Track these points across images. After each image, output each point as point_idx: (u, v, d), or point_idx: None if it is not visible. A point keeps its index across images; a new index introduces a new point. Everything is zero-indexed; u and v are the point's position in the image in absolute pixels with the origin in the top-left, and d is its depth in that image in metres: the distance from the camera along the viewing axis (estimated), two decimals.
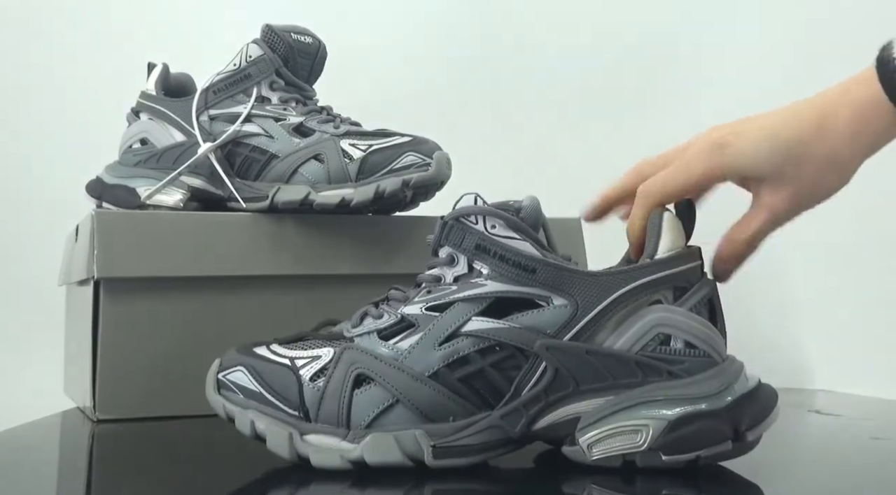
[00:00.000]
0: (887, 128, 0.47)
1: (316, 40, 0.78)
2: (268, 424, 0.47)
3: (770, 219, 0.49)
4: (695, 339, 0.47)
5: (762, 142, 0.48)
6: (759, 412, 0.47)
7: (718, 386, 0.46)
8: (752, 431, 0.46)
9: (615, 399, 0.46)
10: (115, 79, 0.95)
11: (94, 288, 0.67)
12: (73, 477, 0.52)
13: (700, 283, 0.49)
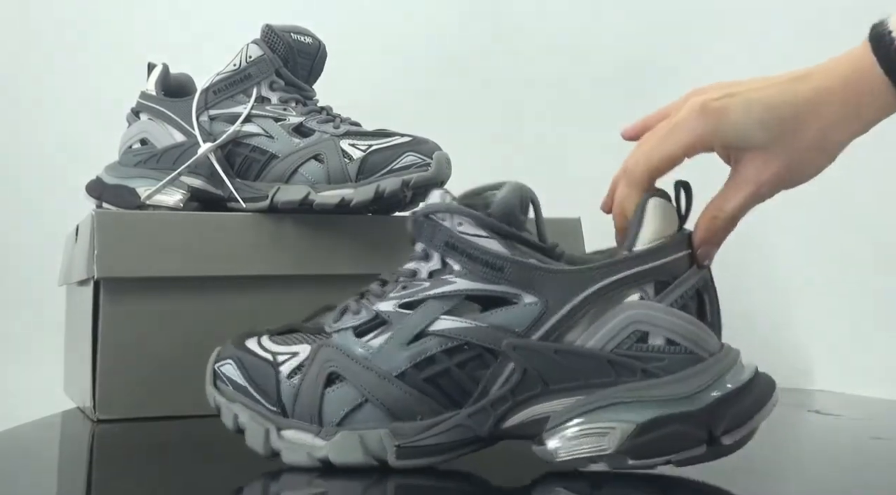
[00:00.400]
0: (882, 107, 0.45)
1: (316, 40, 0.78)
2: (248, 418, 0.48)
3: (754, 193, 0.47)
4: (675, 336, 0.45)
5: (756, 111, 0.45)
6: (742, 412, 0.44)
7: (697, 386, 0.44)
8: (729, 435, 0.44)
9: (585, 399, 0.45)
10: (115, 79, 0.95)
11: (94, 288, 0.67)
12: (73, 477, 0.52)
13: (685, 275, 0.46)
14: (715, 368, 0.45)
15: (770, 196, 0.47)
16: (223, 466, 0.53)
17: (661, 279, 0.46)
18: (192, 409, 0.67)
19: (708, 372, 0.45)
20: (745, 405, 0.45)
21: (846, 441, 0.63)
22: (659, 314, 0.45)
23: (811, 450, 0.62)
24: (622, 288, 0.45)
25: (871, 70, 0.44)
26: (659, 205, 0.46)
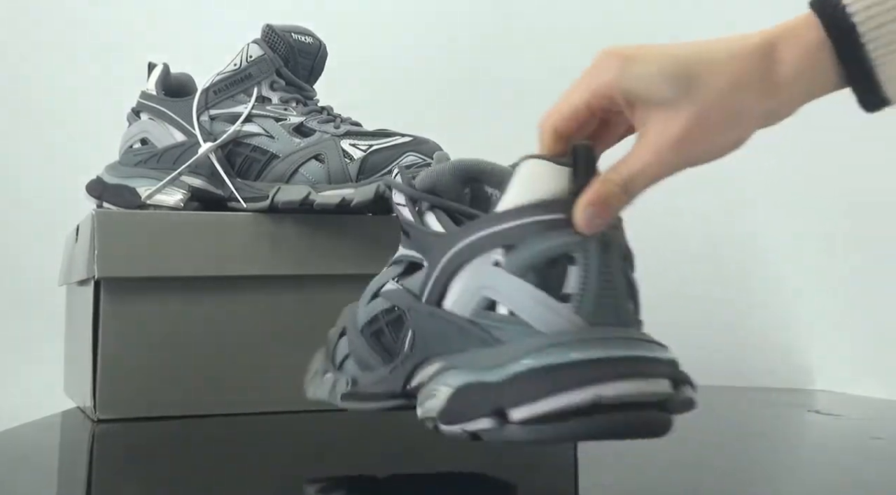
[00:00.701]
0: (812, 78, 0.41)
1: (316, 40, 0.78)
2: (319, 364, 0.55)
3: (653, 160, 0.41)
4: (513, 306, 0.41)
5: (663, 63, 0.41)
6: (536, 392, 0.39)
7: (507, 357, 0.40)
8: (518, 409, 0.39)
9: (444, 364, 0.44)
10: (115, 79, 0.95)
11: (94, 288, 0.67)
12: (73, 477, 0.52)
13: (532, 241, 0.42)
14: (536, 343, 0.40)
15: (675, 167, 0.42)
16: (223, 466, 0.53)
17: (510, 243, 0.42)
18: (192, 409, 0.67)
19: (525, 345, 0.40)
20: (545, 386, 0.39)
21: (846, 441, 0.63)
22: (500, 281, 0.42)
23: (811, 450, 0.62)
24: (477, 251, 0.43)
25: (805, 35, 0.41)
26: (531, 166, 0.43)
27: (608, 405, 0.38)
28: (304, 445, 0.60)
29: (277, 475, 0.48)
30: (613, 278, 0.41)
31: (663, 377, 0.39)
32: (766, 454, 0.55)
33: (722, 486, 0.46)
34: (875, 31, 0.39)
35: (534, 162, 0.43)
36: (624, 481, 0.46)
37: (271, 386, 0.70)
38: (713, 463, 0.52)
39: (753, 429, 0.70)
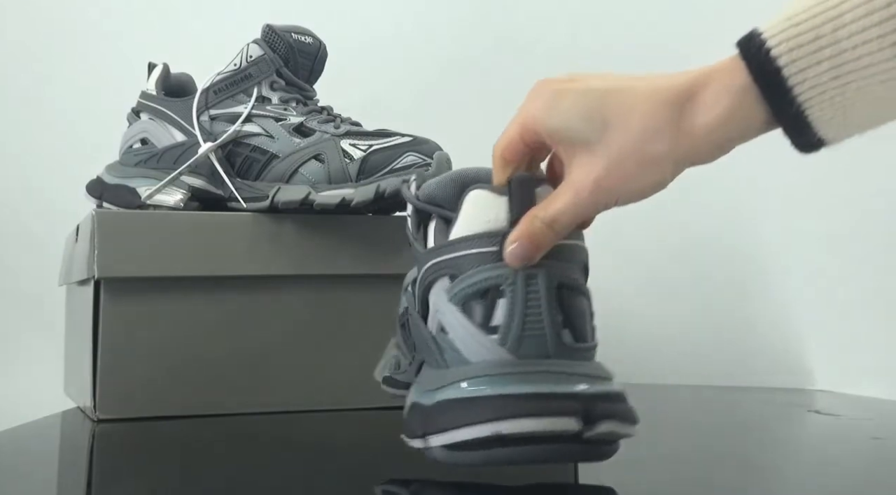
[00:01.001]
0: (738, 126, 0.40)
1: (316, 40, 0.78)
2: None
3: (573, 200, 0.41)
4: (452, 333, 0.43)
5: (586, 101, 0.41)
6: (452, 421, 0.41)
7: (441, 383, 0.43)
8: (435, 436, 0.42)
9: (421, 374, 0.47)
10: (115, 79, 0.95)
11: (94, 288, 0.67)
12: (73, 477, 0.52)
13: (468, 272, 0.43)
14: (455, 373, 0.43)
15: (597, 207, 0.42)
16: (223, 466, 0.53)
17: (453, 273, 0.44)
18: (192, 409, 0.67)
19: (450, 375, 0.43)
20: (455, 419, 0.41)
21: (846, 441, 0.63)
22: (445, 309, 0.44)
23: (811, 450, 0.62)
24: (437, 275, 0.45)
25: (730, 79, 0.40)
26: (475, 196, 0.44)
27: (512, 438, 0.39)
28: (305, 445, 0.60)
29: (278, 475, 0.48)
30: (541, 311, 0.42)
31: (569, 415, 0.39)
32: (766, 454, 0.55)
33: (722, 486, 0.46)
34: (801, 74, 0.38)
35: (476, 192, 0.44)
36: (623, 480, 0.46)
37: (271, 386, 0.70)
38: (713, 462, 0.52)
39: (753, 429, 0.70)
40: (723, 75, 0.40)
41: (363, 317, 0.72)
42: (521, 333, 0.41)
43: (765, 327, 1.02)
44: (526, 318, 0.42)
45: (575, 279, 0.43)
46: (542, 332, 0.41)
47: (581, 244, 0.45)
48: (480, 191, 0.44)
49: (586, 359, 0.43)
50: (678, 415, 0.77)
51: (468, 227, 0.44)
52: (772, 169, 1.00)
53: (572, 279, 0.43)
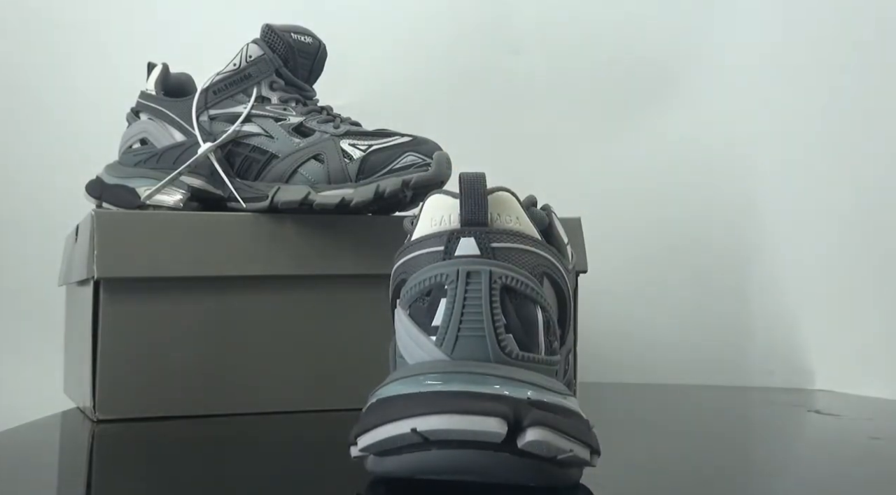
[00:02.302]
0: None
1: (316, 40, 0.78)
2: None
3: None
4: (399, 336, 0.43)
5: None
6: (371, 423, 0.40)
7: (376, 389, 0.42)
8: (360, 438, 0.40)
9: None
10: (115, 79, 0.95)
11: (94, 288, 0.67)
12: (73, 477, 0.52)
13: (414, 274, 0.43)
14: (392, 376, 0.42)
15: None
16: (223, 466, 0.53)
17: (404, 277, 0.44)
18: (192, 409, 0.67)
19: (389, 378, 0.42)
20: (375, 419, 0.40)
21: (846, 441, 0.63)
22: (398, 311, 0.44)
23: (811, 450, 0.62)
24: (397, 281, 0.45)
25: None
26: (431, 200, 0.44)
27: (438, 441, 0.37)
28: (305, 445, 0.60)
29: (278, 475, 0.48)
30: (481, 311, 0.40)
31: (493, 415, 0.37)
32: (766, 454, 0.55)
33: (722, 486, 0.46)
34: None
35: (434, 196, 0.44)
36: (623, 480, 0.46)
37: (271, 386, 0.70)
38: (713, 462, 0.52)
39: (753, 429, 0.70)
40: None
41: (363, 317, 0.72)
42: (457, 334, 0.40)
43: (765, 327, 1.02)
44: (463, 318, 0.40)
45: (525, 284, 0.42)
46: (481, 334, 0.40)
47: (537, 251, 0.43)
48: (437, 195, 0.44)
49: (535, 371, 0.41)
50: (678, 415, 0.77)
51: (422, 230, 0.44)
52: (773, 169, 1.00)
53: (522, 284, 0.42)
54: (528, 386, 0.39)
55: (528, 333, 0.41)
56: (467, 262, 0.41)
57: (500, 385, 0.38)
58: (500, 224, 0.43)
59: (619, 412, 0.77)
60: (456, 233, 0.42)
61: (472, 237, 0.42)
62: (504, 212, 0.43)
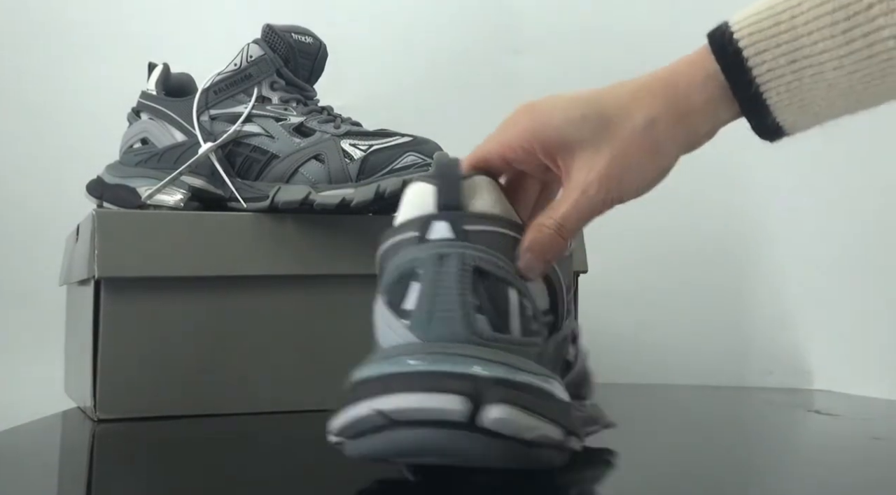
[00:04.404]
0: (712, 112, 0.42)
1: (317, 40, 0.78)
2: None
3: (580, 200, 0.43)
4: (375, 321, 0.44)
5: (577, 107, 0.43)
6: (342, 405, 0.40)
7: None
8: (332, 422, 0.41)
9: None
10: (115, 79, 0.95)
11: (94, 288, 0.67)
12: (73, 477, 0.52)
13: (389, 260, 0.43)
14: (366, 359, 0.42)
15: (602, 204, 0.43)
16: (223, 466, 0.53)
17: (382, 264, 0.45)
18: (192, 409, 0.67)
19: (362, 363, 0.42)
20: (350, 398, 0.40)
21: (846, 441, 0.63)
22: (375, 300, 0.44)
23: (811, 450, 0.62)
24: (379, 270, 0.46)
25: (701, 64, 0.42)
26: (411, 188, 0.45)
27: (402, 421, 0.37)
28: (305, 445, 0.60)
29: (278, 475, 0.48)
30: (452, 293, 0.40)
31: (453, 392, 0.36)
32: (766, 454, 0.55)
33: (721, 486, 0.46)
34: (759, 56, 0.40)
35: (413, 184, 0.45)
36: (622, 480, 0.46)
37: (272, 386, 0.70)
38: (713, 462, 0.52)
39: (753, 429, 0.70)
40: (697, 62, 0.43)
41: (363, 317, 0.72)
42: (429, 316, 0.40)
43: (764, 327, 1.02)
44: (435, 299, 0.40)
45: (499, 267, 0.42)
46: (452, 316, 0.40)
47: (515, 235, 0.43)
48: (416, 182, 0.45)
49: (509, 352, 0.40)
50: (677, 415, 0.77)
51: (402, 217, 0.44)
52: (771, 169, 1.00)
53: (495, 266, 0.42)
54: (497, 365, 0.38)
55: (501, 315, 0.41)
56: (440, 246, 0.42)
57: (467, 364, 0.38)
58: (476, 207, 0.43)
59: (618, 412, 0.77)
60: (430, 218, 0.43)
61: (446, 221, 0.42)
62: (480, 195, 0.44)
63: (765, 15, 0.41)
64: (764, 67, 0.41)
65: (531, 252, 0.43)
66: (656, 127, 0.42)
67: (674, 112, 0.42)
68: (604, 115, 0.43)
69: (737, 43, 0.41)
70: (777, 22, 0.40)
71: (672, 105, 0.42)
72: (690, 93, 0.42)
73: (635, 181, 0.43)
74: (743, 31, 0.41)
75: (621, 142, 0.42)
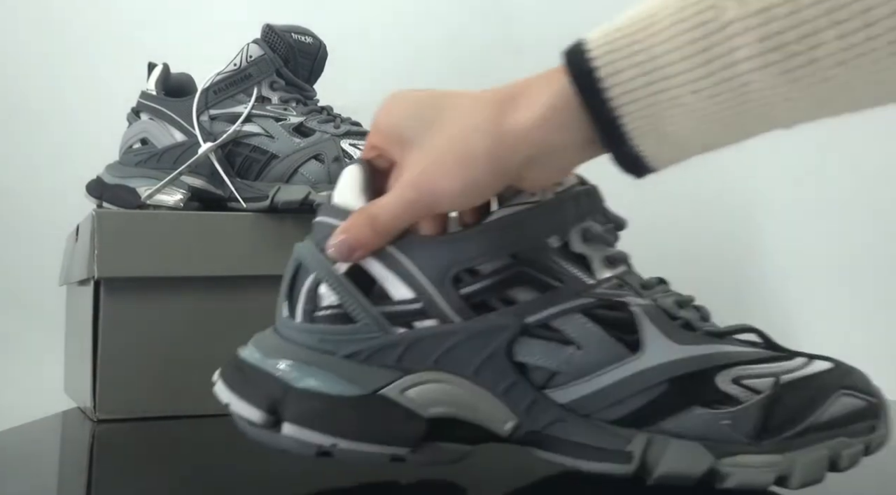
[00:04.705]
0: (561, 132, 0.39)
1: (316, 40, 0.78)
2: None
3: (394, 198, 0.41)
4: None
5: (413, 104, 0.42)
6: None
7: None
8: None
9: None
10: (115, 78, 0.95)
11: (94, 288, 0.67)
12: (73, 477, 0.52)
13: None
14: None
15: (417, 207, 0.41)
16: (223, 466, 0.53)
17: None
18: (192, 409, 0.67)
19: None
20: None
21: None
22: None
23: None
24: None
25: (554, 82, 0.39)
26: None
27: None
28: None
29: (278, 475, 0.48)
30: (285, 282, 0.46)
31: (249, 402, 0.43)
32: None
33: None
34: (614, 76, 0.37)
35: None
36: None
37: None
38: None
39: None
40: (547, 78, 0.41)
41: None
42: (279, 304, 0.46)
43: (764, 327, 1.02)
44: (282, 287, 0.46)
45: (305, 257, 0.45)
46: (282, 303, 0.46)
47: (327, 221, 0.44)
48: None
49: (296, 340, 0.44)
50: None
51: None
52: (771, 171, 1.00)
53: (305, 256, 0.45)
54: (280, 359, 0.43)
55: (295, 300, 0.45)
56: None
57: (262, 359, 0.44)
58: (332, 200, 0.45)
59: None
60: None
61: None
62: (336, 185, 0.45)
63: (622, 34, 0.37)
64: (619, 89, 0.37)
65: (343, 234, 0.42)
66: (472, 136, 0.40)
67: (496, 128, 0.40)
68: (436, 117, 0.41)
69: (591, 62, 0.37)
70: (633, 41, 0.37)
71: (497, 120, 0.40)
72: (529, 110, 0.39)
73: (446, 189, 0.40)
74: (599, 50, 0.37)
75: (437, 147, 0.40)
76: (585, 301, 0.42)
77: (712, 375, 0.42)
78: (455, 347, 0.42)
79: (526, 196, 0.43)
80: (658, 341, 0.42)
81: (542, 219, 0.43)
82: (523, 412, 0.42)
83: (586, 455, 0.42)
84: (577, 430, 0.42)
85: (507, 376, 0.42)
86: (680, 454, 0.41)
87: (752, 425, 0.42)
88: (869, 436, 0.44)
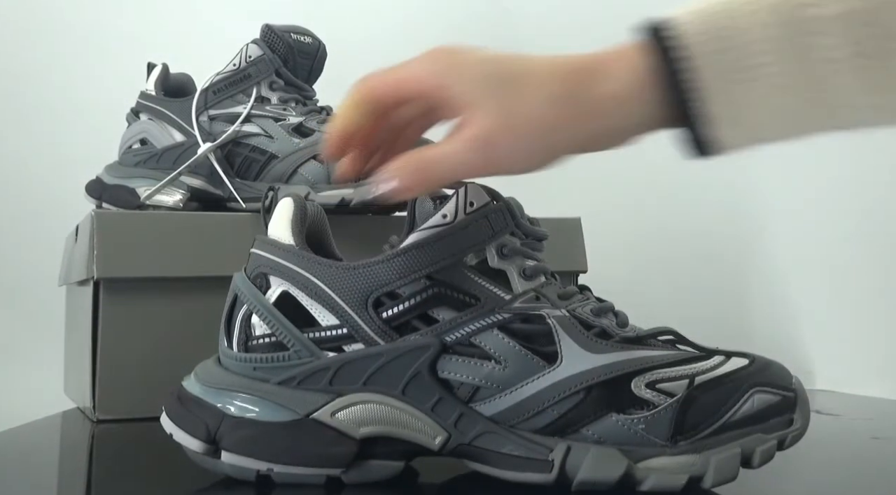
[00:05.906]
0: (632, 110, 0.39)
1: (316, 40, 0.78)
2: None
3: (452, 152, 0.41)
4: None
5: (484, 66, 0.41)
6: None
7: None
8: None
9: None
10: (114, 79, 0.95)
11: (94, 288, 0.67)
12: (73, 477, 0.52)
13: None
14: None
15: (474, 167, 0.41)
16: None
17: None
18: None
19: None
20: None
21: (846, 441, 0.63)
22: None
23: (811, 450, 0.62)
24: None
25: (635, 57, 0.39)
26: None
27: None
28: None
29: None
30: (224, 312, 0.49)
31: (191, 435, 0.46)
32: None
33: (721, 486, 0.46)
34: (704, 59, 0.37)
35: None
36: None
37: None
38: None
39: None
40: (629, 53, 0.40)
41: None
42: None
43: (765, 327, 1.02)
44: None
45: (240, 288, 0.48)
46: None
47: (258, 253, 0.48)
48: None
49: (233, 369, 0.46)
50: None
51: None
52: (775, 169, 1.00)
53: (240, 287, 0.48)
54: (217, 389, 0.46)
55: (229, 329, 0.48)
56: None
57: (202, 390, 0.47)
58: (267, 233, 0.48)
59: None
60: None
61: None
62: (271, 222, 0.48)
63: (714, 17, 0.37)
64: (708, 74, 0.37)
65: (393, 176, 0.41)
66: (553, 110, 0.39)
67: (578, 101, 0.40)
68: (509, 81, 0.40)
69: (681, 45, 0.37)
70: (723, 27, 0.37)
71: (580, 93, 0.39)
72: (611, 85, 0.39)
73: (513, 154, 0.40)
74: (691, 32, 0.38)
75: (513, 113, 0.40)
76: (502, 316, 0.44)
77: (628, 381, 0.43)
78: (381, 368, 0.44)
79: (438, 219, 0.44)
80: (573, 351, 0.43)
81: (454, 240, 0.44)
82: (451, 426, 0.44)
83: (511, 465, 0.43)
84: (503, 441, 0.43)
85: (433, 393, 0.43)
86: (597, 460, 0.42)
87: (666, 428, 0.43)
88: (784, 431, 0.44)
